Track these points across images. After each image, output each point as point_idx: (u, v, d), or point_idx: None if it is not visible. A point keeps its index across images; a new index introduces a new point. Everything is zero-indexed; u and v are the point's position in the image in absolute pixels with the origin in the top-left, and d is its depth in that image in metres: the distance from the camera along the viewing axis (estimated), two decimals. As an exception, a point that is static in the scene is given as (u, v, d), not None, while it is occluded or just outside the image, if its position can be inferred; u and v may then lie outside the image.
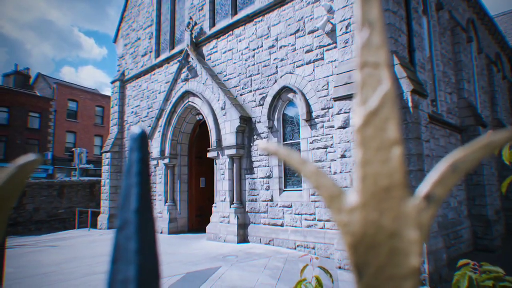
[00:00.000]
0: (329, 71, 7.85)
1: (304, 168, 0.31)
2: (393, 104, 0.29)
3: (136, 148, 0.37)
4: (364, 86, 0.30)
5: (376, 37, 0.31)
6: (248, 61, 9.67)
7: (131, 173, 0.36)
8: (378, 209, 0.28)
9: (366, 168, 0.29)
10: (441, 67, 10.06)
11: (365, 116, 0.29)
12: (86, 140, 34.85)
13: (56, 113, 33.05)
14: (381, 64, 0.30)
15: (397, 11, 7.42)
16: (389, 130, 0.29)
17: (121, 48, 16.04)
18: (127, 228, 0.35)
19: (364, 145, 0.29)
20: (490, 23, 14.70)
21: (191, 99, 11.04)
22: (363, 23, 0.31)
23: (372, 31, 0.31)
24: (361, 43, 0.31)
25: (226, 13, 10.84)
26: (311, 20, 8.29)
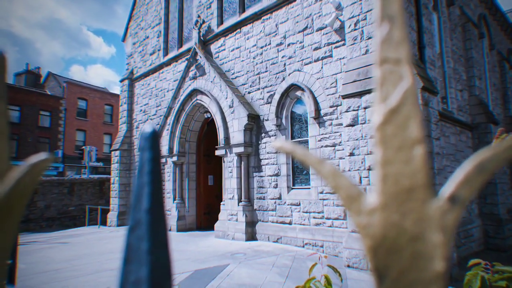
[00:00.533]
0: (338, 69, 7.79)
1: (322, 168, 0.30)
2: (415, 101, 0.28)
3: (148, 147, 0.37)
4: (384, 82, 0.29)
5: (397, 32, 0.29)
6: (256, 59, 9.65)
7: (143, 172, 0.36)
8: (399, 211, 0.27)
9: (387, 168, 0.28)
10: (452, 64, 9.92)
11: (386, 113, 0.28)
12: (96, 138, 35.21)
13: (66, 111, 33.44)
14: (402, 60, 0.29)
15: (407, 7, 7.33)
16: (410, 128, 0.28)
17: (129, 46, 16.13)
18: (139, 228, 0.35)
19: (384, 144, 0.28)
20: (502, 18, 14.43)
21: (199, 97, 11.06)
22: (382, 18, 0.30)
23: (392, 25, 0.29)
24: (380, 38, 0.29)
25: (234, 11, 10.83)
26: (320, 17, 8.23)
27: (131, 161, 15.02)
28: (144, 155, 0.37)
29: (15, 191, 0.44)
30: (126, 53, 16.33)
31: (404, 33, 0.29)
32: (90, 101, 35.47)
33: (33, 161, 0.47)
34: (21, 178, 0.45)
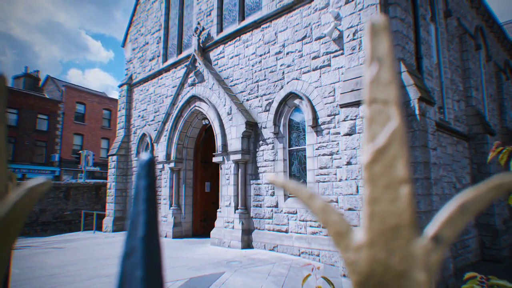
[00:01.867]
0: (336, 78, 7.84)
1: (312, 203, 0.31)
2: (402, 142, 0.29)
3: (144, 175, 0.38)
4: (372, 122, 0.30)
5: (385, 73, 0.31)
6: (255, 67, 9.70)
7: (139, 200, 0.37)
8: (386, 248, 0.28)
9: (374, 206, 0.29)
10: (449, 75, 10.00)
11: (373, 153, 0.29)
12: (93, 143, 35.12)
13: (64, 115, 33.39)
14: (390, 101, 0.30)
15: (405, 18, 7.41)
16: (397, 168, 0.29)
17: (129, 52, 16.18)
18: (134, 255, 0.36)
19: (372, 182, 0.29)
20: (499, 30, 14.60)
21: (198, 103, 11.09)
22: (372, 58, 0.31)
23: (381, 67, 0.31)
24: (370, 79, 0.31)
25: (233, 18, 10.91)
26: (318, 26, 8.30)
27: (128, 166, 14.98)
28: (140, 183, 0.37)
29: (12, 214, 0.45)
30: (125, 59, 16.38)
31: (393, 75, 0.31)
32: (88, 106, 35.45)
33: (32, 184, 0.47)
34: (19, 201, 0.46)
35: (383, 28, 0.32)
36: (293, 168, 8.73)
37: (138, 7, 16.03)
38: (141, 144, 14.31)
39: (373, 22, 0.32)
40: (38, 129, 31.50)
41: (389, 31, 0.32)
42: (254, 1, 10.36)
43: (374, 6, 7.03)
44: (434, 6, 9.97)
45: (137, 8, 16.08)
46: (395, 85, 0.30)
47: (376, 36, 0.31)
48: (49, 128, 32.35)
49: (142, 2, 15.85)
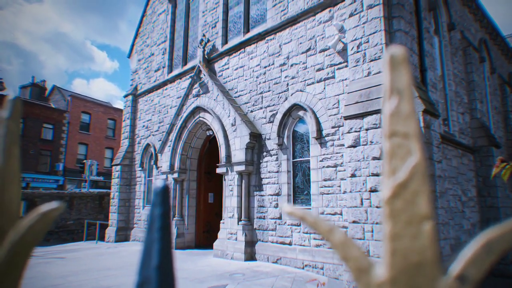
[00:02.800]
0: (340, 90, 7.86)
1: (332, 237, 0.30)
2: (424, 177, 0.29)
3: (159, 203, 0.37)
4: (393, 156, 0.30)
5: (406, 106, 0.30)
6: (259, 78, 9.75)
7: (153, 228, 0.36)
8: (408, 286, 0.27)
9: (396, 242, 0.28)
10: (453, 87, 10.00)
11: (394, 188, 0.29)
12: (97, 152, 35.26)
13: (69, 124, 33.62)
14: (411, 134, 0.30)
15: (408, 31, 7.45)
16: (419, 204, 0.28)
17: (135, 63, 16.35)
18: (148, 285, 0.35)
19: (393, 218, 0.29)
20: (502, 43, 14.63)
21: (202, 114, 11.14)
22: (391, 91, 0.31)
23: (401, 99, 0.30)
24: (389, 112, 0.30)
25: (238, 31, 11.02)
26: (323, 39, 8.36)
27: (132, 176, 15.00)
28: (155, 211, 0.37)
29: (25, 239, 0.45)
30: (131, 69, 16.54)
31: (413, 107, 0.30)
32: (93, 115, 35.71)
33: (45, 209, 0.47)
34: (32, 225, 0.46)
35: (402, 60, 0.32)
36: (297, 180, 8.69)
37: (145, 19, 16.25)
38: (145, 154, 14.35)
39: (392, 54, 0.32)
40: (43, 138, 31.70)
41: (408, 63, 0.32)
42: (259, 14, 10.47)
43: (378, 19, 7.08)
44: (437, 19, 10.03)
45: (144, 20, 16.30)
46: (416, 118, 0.30)
47: (395, 68, 0.31)
48: (54, 137, 32.56)
49: (148, 14, 16.07)
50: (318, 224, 0.31)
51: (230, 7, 11.59)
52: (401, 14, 7.19)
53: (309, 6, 8.68)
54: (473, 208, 9.80)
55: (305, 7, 8.80)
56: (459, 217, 8.76)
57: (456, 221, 8.54)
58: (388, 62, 0.31)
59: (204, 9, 12.51)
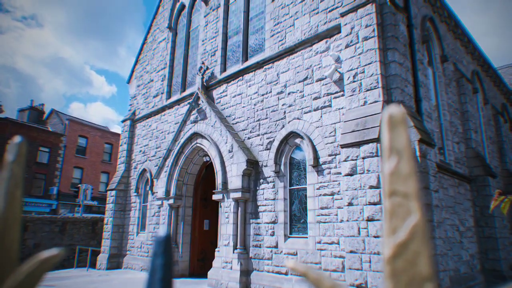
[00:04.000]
0: (337, 118, 7.94)
1: (333, 296, 0.30)
2: (424, 237, 0.29)
3: (160, 253, 0.37)
4: (393, 215, 0.30)
5: (405, 166, 0.31)
6: (257, 106, 9.86)
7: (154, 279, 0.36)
8: None
9: (398, 303, 0.28)
10: (448, 117, 10.14)
11: (395, 247, 0.29)
12: (93, 177, 34.97)
13: (65, 148, 33.51)
14: (411, 194, 0.31)
15: (403, 62, 7.63)
16: (420, 265, 0.29)
17: (134, 88, 16.54)
18: None
19: (394, 278, 0.29)
20: (494, 75, 14.99)
21: (199, 140, 11.16)
22: (391, 151, 0.32)
23: (400, 159, 0.31)
24: (389, 171, 0.31)
25: (237, 59, 11.25)
26: (319, 68, 8.54)
27: (127, 201, 14.82)
28: (156, 261, 0.37)
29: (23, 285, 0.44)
30: (129, 95, 16.71)
31: (412, 167, 0.31)
32: (90, 139, 35.68)
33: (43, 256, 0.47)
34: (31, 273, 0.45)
35: (401, 120, 0.33)
36: (293, 208, 8.62)
37: (145, 46, 16.59)
38: (141, 179, 14.25)
39: (390, 114, 0.33)
40: (38, 162, 31.49)
41: (406, 123, 0.33)
42: (257, 43, 10.73)
43: (373, 50, 7.27)
44: (430, 52, 10.31)
45: (144, 47, 16.63)
46: (416, 178, 0.31)
47: (394, 128, 0.33)
48: (50, 161, 32.36)
49: (149, 42, 16.42)
50: (321, 282, 0.31)
51: (229, 37, 11.88)
52: (396, 46, 7.40)
53: (306, 37, 8.91)
54: (471, 238, 9.71)
55: (302, 37, 9.04)
56: (457, 248, 8.66)
57: (455, 252, 8.43)
58: (387, 121, 0.33)
59: (204, 38, 12.82)
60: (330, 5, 8.60)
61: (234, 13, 11.99)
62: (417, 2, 9.50)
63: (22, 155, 0.55)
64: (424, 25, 9.63)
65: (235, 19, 11.86)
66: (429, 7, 10.32)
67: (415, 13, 9.17)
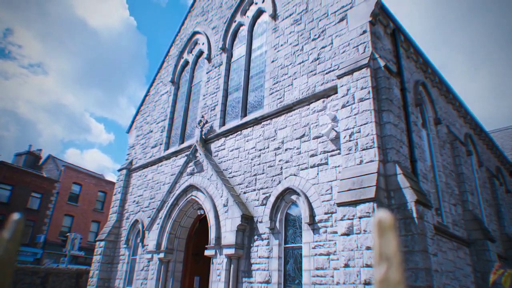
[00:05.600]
0: (333, 176, 7.96)
1: None
2: None
3: None
4: (383, 326, 0.31)
5: (394, 274, 0.32)
6: (254, 161, 9.93)
7: None
8: None
9: None
10: (444, 178, 10.20)
11: None
12: (83, 225, 34.03)
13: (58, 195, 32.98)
14: (400, 304, 0.31)
15: (398, 124, 7.83)
16: None
17: (133, 138, 16.73)
18: None
19: None
20: (487, 138, 15.35)
21: (195, 193, 11.06)
22: (380, 257, 0.33)
23: (389, 267, 0.32)
24: (379, 278, 0.32)
25: (236, 114, 11.54)
26: (316, 126, 8.74)
27: (115, 253, 14.27)
28: None
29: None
30: (128, 144, 16.86)
31: (401, 275, 0.32)
32: (84, 187, 35.27)
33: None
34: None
35: (389, 226, 0.34)
36: (288, 267, 8.31)
37: (148, 98, 17.09)
38: (133, 230, 13.86)
39: (380, 220, 0.35)
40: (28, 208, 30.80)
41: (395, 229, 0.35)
42: (256, 100, 11.09)
43: (368, 111, 7.50)
44: (424, 114, 10.65)
45: (146, 99, 17.12)
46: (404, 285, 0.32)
47: (383, 234, 0.34)
48: (40, 207, 31.67)
49: (151, 94, 16.94)
50: None
51: (229, 93, 12.31)
52: (390, 108, 7.65)
53: (304, 96, 9.24)
54: (473, 307, 9.27)
55: (300, 96, 9.37)
56: (459, 317, 8.24)
57: (457, 322, 8.00)
58: (377, 227, 0.34)
59: (205, 93, 13.26)
60: (327, 68, 9.03)
61: (235, 71, 12.54)
62: (409, 68, 10.02)
63: (18, 233, 0.55)
64: (417, 89, 10.05)
65: (236, 76, 12.37)
66: (421, 73, 10.85)
67: (408, 77, 9.63)
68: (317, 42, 9.53)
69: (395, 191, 6.93)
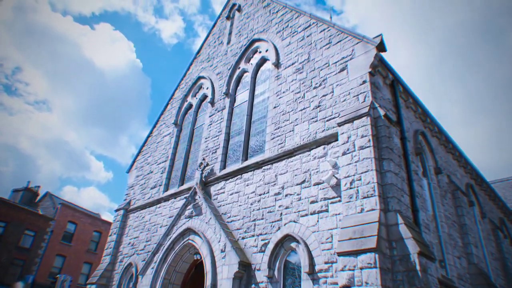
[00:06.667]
0: (334, 224, 7.82)
1: None
2: None
3: None
4: None
5: None
6: (254, 205, 9.81)
7: None
8: None
9: None
10: (446, 229, 9.99)
11: None
12: (74, 266, 32.89)
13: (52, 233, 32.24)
14: None
15: (398, 172, 7.81)
16: None
17: (132, 178, 16.67)
18: None
19: None
20: (489, 189, 15.24)
21: (192, 237, 10.81)
22: None
23: None
24: None
25: (237, 158, 11.58)
26: (317, 173, 8.72)
27: (106, 299, 13.65)
28: None
29: None
30: (128, 184, 16.75)
31: None
32: (79, 226, 34.58)
33: None
34: None
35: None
36: (286, 320, 7.90)
37: (150, 139, 17.26)
38: (125, 274, 13.37)
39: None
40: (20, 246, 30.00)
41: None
42: (258, 145, 11.18)
43: (369, 159, 7.52)
44: (424, 163, 10.68)
45: (149, 140, 17.29)
46: None
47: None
48: (33, 245, 30.84)
49: (154, 135, 17.14)
50: None
51: (231, 136, 12.45)
52: (390, 156, 7.68)
53: (305, 142, 9.32)
54: None
55: (301, 142, 9.46)
56: None
57: None
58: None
59: (207, 136, 13.41)
60: (328, 115, 9.20)
61: (238, 115, 12.77)
62: (408, 117, 10.20)
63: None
64: (416, 138, 10.16)
65: (238, 120, 12.58)
66: (420, 122, 11.03)
67: (408, 127, 9.77)
68: (318, 90, 9.79)
69: (397, 242, 6.75)
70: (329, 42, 10.24)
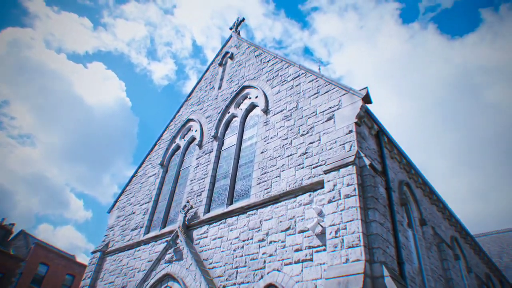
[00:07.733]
0: (318, 274, 7.58)
1: None
2: None
3: None
4: None
5: None
6: (236, 252, 9.51)
7: None
8: None
9: None
10: (433, 283, 9.79)
11: None
12: (41, 313, 30.61)
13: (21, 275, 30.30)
14: None
15: (383, 222, 7.77)
16: None
17: (113, 219, 16.13)
18: None
19: None
20: (473, 242, 15.20)
21: (171, 283, 10.30)
22: None
23: None
24: None
25: (222, 202, 11.41)
26: (302, 220, 8.60)
27: None
28: None
29: None
30: (108, 225, 16.17)
31: None
32: (52, 268, 32.67)
33: None
34: None
35: None
36: None
37: (134, 179, 16.97)
38: (96, 323, 12.48)
39: None
40: (-15, 289, 27.94)
41: None
42: (243, 189, 11.09)
43: (354, 208, 7.49)
44: (409, 214, 10.68)
45: (133, 179, 16.99)
46: None
47: None
48: (-2, 289, 28.75)
49: (139, 175, 16.88)
50: None
51: (217, 179, 12.35)
52: (376, 206, 7.67)
53: (291, 188, 9.29)
54: None
55: (287, 188, 9.42)
56: None
57: None
58: None
59: (192, 178, 13.28)
60: (314, 162, 9.27)
61: (225, 158, 12.78)
62: (393, 168, 10.35)
63: None
64: (401, 189, 10.25)
65: (225, 164, 12.56)
66: (405, 173, 11.19)
67: (393, 177, 9.89)
68: (306, 137, 9.96)
69: (383, 296, 6.55)
70: (317, 92, 10.60)
